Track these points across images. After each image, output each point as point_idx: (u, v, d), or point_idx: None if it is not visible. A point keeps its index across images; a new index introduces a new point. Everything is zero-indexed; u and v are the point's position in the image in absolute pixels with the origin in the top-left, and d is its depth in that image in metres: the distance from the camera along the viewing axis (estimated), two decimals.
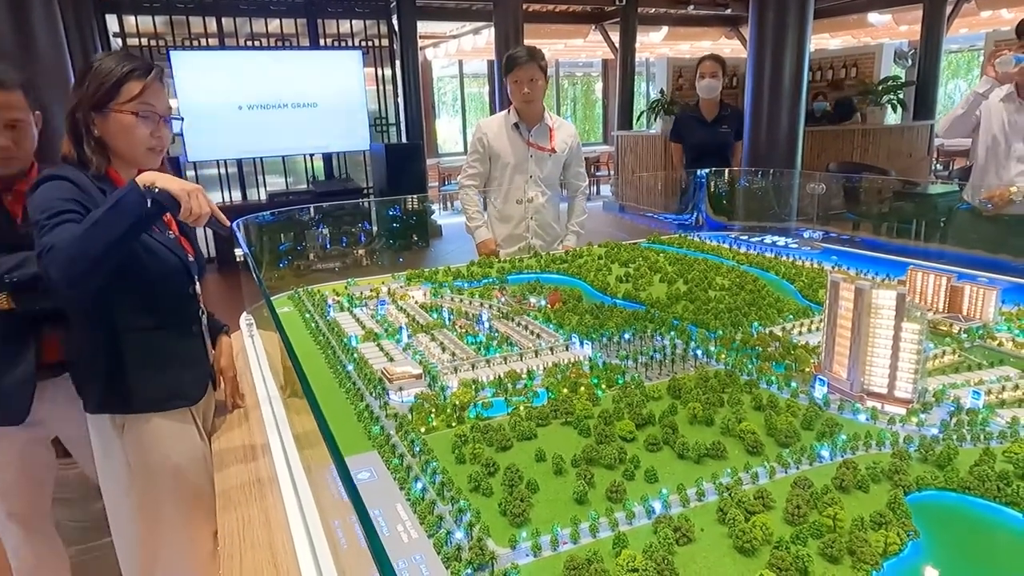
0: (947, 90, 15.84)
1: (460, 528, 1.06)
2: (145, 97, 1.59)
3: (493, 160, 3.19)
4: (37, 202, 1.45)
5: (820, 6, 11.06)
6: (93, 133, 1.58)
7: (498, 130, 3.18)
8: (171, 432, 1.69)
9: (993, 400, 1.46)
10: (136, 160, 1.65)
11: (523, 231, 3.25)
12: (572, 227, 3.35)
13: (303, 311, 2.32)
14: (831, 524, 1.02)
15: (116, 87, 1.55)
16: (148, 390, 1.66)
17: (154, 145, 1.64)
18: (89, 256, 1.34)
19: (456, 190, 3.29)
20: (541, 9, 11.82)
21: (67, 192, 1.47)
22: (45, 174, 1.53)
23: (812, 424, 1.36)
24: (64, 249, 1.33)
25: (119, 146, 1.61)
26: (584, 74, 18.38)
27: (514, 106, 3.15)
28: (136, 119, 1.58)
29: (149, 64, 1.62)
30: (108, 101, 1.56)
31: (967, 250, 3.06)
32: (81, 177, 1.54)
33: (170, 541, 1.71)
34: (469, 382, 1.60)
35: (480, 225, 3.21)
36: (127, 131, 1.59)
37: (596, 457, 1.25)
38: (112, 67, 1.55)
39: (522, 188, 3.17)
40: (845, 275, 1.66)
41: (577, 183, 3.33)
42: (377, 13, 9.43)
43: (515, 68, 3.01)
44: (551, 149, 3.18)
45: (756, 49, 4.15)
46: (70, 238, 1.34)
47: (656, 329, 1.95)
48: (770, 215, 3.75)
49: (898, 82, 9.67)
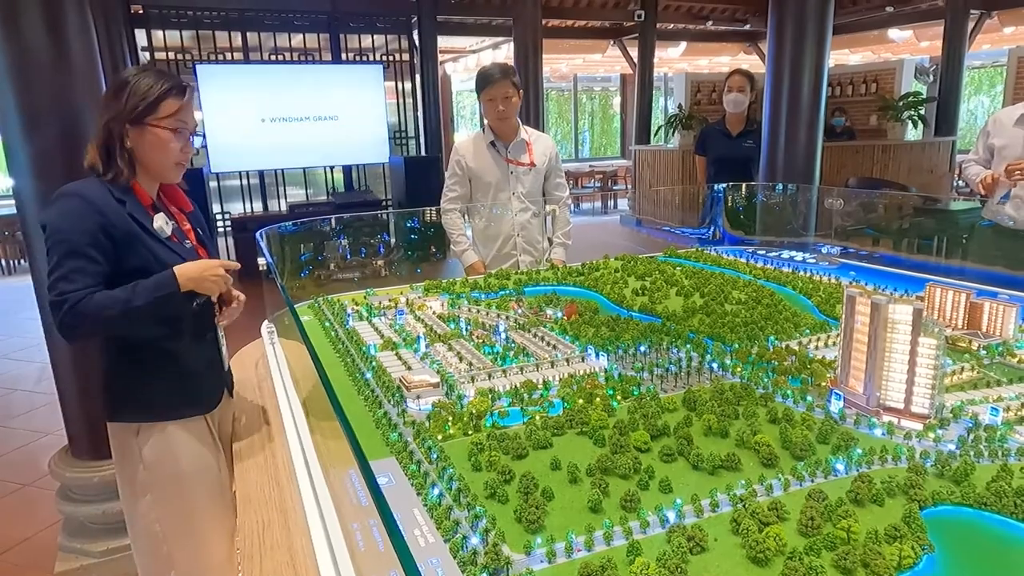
0: (970, 106, 15.71)
1: (476, 533, 1.07)
2: (181, 115, 1.66)
3: (474, 181, 3.16)
4: (53, 224, 1.53)
5: (839, 22, 11.09)
6: (126, 145, 1.63)
7: (475, 150, 3.14)
8: (186, 439, 1.73)
9: (1012, 417, 1.45)
10: (163, 174, 1.72)
11: (511, 249, 3.22)
12: (558, 239, 3.29)
13: (323, 320, 2.36)
14: (845, 536, 1.02)
15: (156, 103, 1.61)
16: (164, 398, 1.71)
17: (181, 160, 1.71)
18: (110, 327, 1.58)
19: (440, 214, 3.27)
20: (560, 24, 11.92)
21: (84, 219, 1.52)
22: (64, 191, 1.57)
23: (827, 438, 1.36)
24: (88, 318, 1.49)
25: (151, 159, 1.66)
26: (602, 88, 18.47)
27: (488, 124, 3.11)
28: (172, 135, 1.65)
29: (183, 83, 1.69)
30: (146, 116, 1.61)
31: (988, 267, 3.03)
32: (103, 195, 1.58)
33: (184, 545, 1.74)
34: (486, 391, 1.62)
35: (466, 248, 3.17)
36: (162, 146, 1.65)
37: (611, 467, 1.26)
38: (152, 84, 1.61)
39: (506, 205, 3.13)
40: (862, 290, 1.66)
41: (559, 194, 3.29)
42: (398, 28, 9.59)
43: (489, 86, 2.97)
44: (530, 163, 3.15)
45: (774, 64, 4.16)
46: (99, 310, 1.50)
47: (672, 342, 1.96)
48: (788, 230, 3.74)
49: (919, 98, 9.61)
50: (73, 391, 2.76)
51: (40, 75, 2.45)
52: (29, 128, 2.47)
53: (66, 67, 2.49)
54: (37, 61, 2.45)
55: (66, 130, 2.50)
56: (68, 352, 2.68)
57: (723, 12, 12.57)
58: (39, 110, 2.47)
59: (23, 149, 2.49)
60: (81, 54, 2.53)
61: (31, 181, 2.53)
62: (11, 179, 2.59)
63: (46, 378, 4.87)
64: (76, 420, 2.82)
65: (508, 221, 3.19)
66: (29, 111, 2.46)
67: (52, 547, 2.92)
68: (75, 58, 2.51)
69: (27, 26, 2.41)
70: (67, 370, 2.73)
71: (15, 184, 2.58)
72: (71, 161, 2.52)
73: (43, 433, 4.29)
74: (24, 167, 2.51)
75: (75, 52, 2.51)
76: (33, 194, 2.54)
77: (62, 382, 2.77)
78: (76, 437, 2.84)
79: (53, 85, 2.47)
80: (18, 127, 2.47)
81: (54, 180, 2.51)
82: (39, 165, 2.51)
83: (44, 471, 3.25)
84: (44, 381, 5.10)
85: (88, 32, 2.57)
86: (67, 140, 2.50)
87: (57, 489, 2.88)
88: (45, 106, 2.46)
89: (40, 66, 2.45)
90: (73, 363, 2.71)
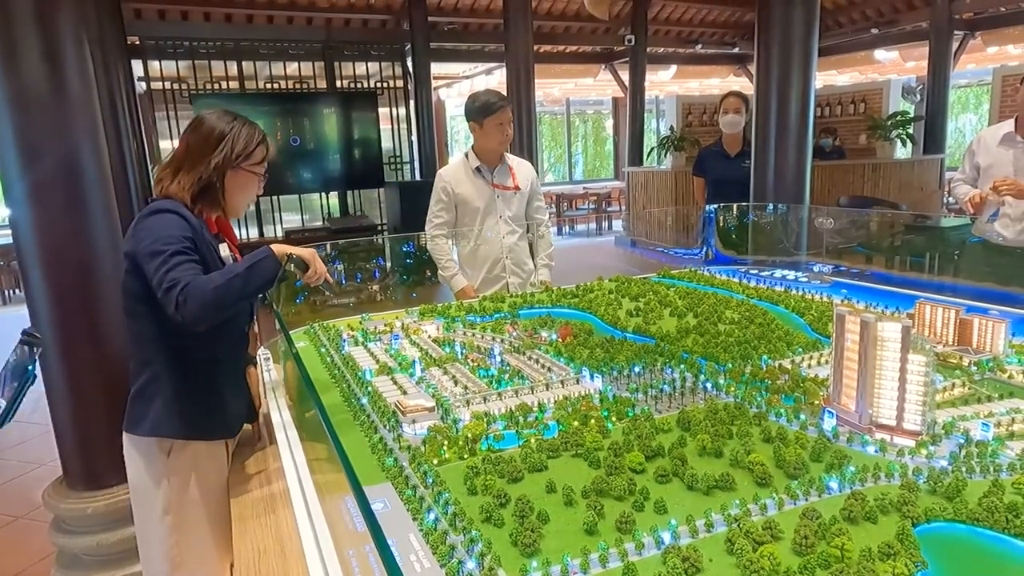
0: (958, 124, 15.92)
1: (472, 558, 1.07)
2: (265, 162, 1.84)
3: (460, 207, 3.22)
4: (156, 233, 1.60)
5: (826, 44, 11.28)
6: (224, 184, 1.77)
7: (461, 176, 3.21)
8: (210, 461, 1.80)
9: (1003, 432, 1.46)
10: (237, 210, 1.86)
11: (500, 271, 3.28)
12: (543, 260, 3.39)
13: (319, 345, 2.36)
14: (839, 555, 1.02)
15: (254, 151, 1.79)
16: (202, 419, 1.77)
17: (252, 200, 1.88)
18: (222, 304, 1.54)
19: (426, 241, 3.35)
20: (552, 50, 12.10)
21: (183, 229, 1.64)
22: (161, 206, 1.67)
23: (821, 456, 1.37)
24: (204, 292, 1.50)
25: (235, 197, 1.81)
26: (595, 111, 18.67)
27: (474, 150, 3.20)
28: (257, 179, 1.83)
29: (264, 133, 1.86)
30: (244, 161, 1.77)
31: (978, 283, 3.06)
32: (188, 213, 1.70)
33: (197, 566, 1.76)
34: (481, 415, 1.62)
35: (455, 273, 3.21)
36: (249, 186, 1.82)
37: (606, 488, 1.26)
38: (251, 133, 1.81)
39: (495, 229, 3.21)
40: (851, 308, 1.68)
41: (540, 217, 3.41)
42: (392, 56, 9.72)
43: (497, 111, 3.08)
44: (515, 187, 3.25)
45: (761, 86, 4.22)
46: (208, 283, 1.52)
47: (666, 362, 1.97)
48: (780, 249, 3.77)
49: (907, 117, 9.75)
50: (68, 420, 2.74)
51: (38, 107, 2.47)
52: (27, 159, 2.49)
53: (64, 99, 2.52)
54: (35, 93, 2.47)
55: (63, 161, 2.52)
56: (63, 381, 2.67)
57: (712, 36, 12.79)
58: (37, 142, 2.49)
59: (21, 180, 2.51)
60: (79, 86, 2.56)
61: (28, 211, 2.54)
62: (7, 208, 2.61)
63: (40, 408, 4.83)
64: (71, 450, 2.80)
65: (496, 244, 3.25)
66: (27, 143, 2.48)
67: None
68: (73, 90, 2.54)
69: (25, 59, 2.44)
70: (62, 398, 2.72)
71: (11, 214, 2.59)
72: (69, 192, 2.55)
73: (36, 464, 4.25)
74: (21, 197, 2.53)
75: (73, 85, 2.53)
76: (30, 224, 2.55)
77: (57, 411, 2.75)
78: (71, 467, 2.82)
79: (51, 117, 2.49)
80: (15, 158, 2.49)
81: (52, 210, 2.54)
82: (36, 196, 2.52)
83: (37, 503, 3.22)
84: (38, 412, 5.06)
85: (85, 64, 2.61)
86: (65, 171, 2.52)
87: (51, 521, 2.85)
88: (43, 138, 2.48)
89: (38, 98, 2.48)
90: (68, 392, 2.69)
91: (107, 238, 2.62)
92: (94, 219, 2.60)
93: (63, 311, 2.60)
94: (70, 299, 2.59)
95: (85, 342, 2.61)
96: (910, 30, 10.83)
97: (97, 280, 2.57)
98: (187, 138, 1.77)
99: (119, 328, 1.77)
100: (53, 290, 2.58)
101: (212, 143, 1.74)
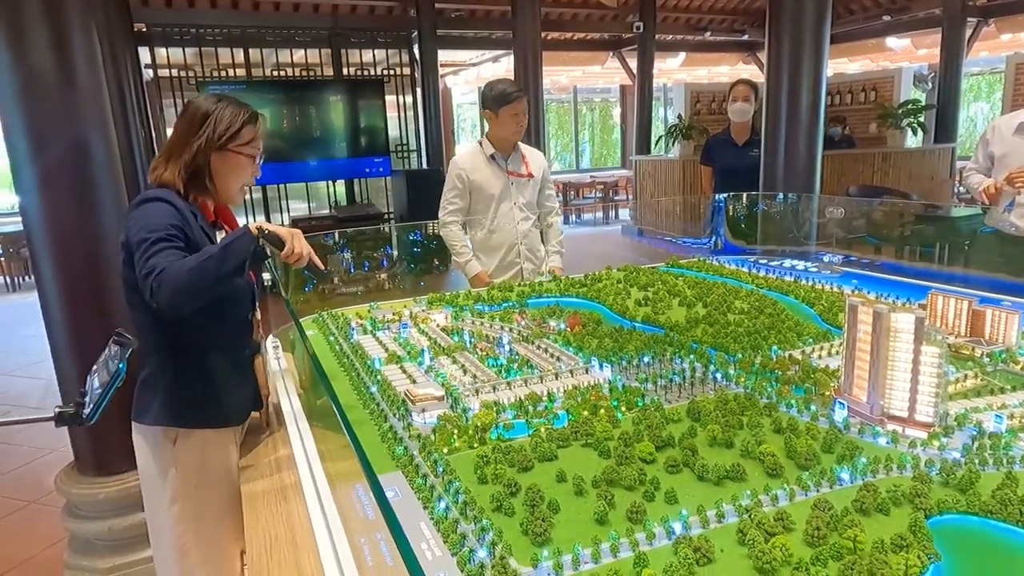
0: (969, 113, 15.74)
1: (483, 547, 1.08)
2: (256, 141, 1.78)
3: (475, 193, 3.24)
4: (143, 221, 1.58)
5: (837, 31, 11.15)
6: (211, 168, 1.73)
7: (476, 163, 3.24)
8: (217, 450, 1.79)
9: (1016, 424, 1.45)
10: (232, 196, 1.81)
11: (514, 257, 3.32)
12: (554, 247, 3.44)
13: (327, 334, 2.37)
14: (851, 546, 1.02)
15: (239, 130, 1.72)
16: (206, 407, 1.77)
17: (249, 183, 1.82)
18: (197, 287, 1.48)
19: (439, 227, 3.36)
20: (559, 37, 12.00)
21: (171, 217, 1.61)
22: (150, 195, 1.65)
23: (832, 447, 1.37)
24: (176, 276, 1.46)
25: (226, 182, 1.76)
26: (602, 100, 18.55)
27: (488, 138, 3.24)
28: (249, 160, 1.77)
29: (256, 112, 1.80)
30: (230, 142, 1.71)
31: (990, 273, 3.03)
32: (179, 201, 1.68)
33: (207, 560, 1.77)
34: (491, 404, 1.62)
35: (470, 259, 3.24)
36: (239, 169, 1.77)
37: (616, 478, 1.26)
38: (236, 112, 1.73)
39: (509, 215, 3.25)
40: (864, 299, 1.67)
41: (551, 205, 3.46)
42: (399, 43, 9.66)
43: (513, 102, 3.11)
44: (528, 174, 3.30)
45: (772, 74, 4.18)
46: (182, 267, 1.47)
47: (675, 352, 1.97)
48: (789, 239, 3.75)
49: (918, 105, 9.64)
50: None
51: (47, 95, 2.47)
52: (36, 147, 2.50)
53: (72, 87, 2.52)
54: (44, 82, 2.48)
55: (72, 149, 2.53)
56: (74, 368, 2.69)
57: (721, 23, 12.66)
58: (46, 130, 2.49)
59: (30, 167, 2.52)
60: (87, 74, 2.56)
61: (37, 198, 2.55)
62: (17, 196, 2.62)
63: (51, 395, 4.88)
64: (82, 436, 2.82)
65: (511, 231, 3.28)
66: (36, 131, 2.49)
67: (57, 565, 2.92)
68: (81, 78, 2.54)
69: (34, 48, 2.44)
70: (73, 386, 2.74)
71: (21, 201, 2.60)
72: (78, 179, 2.55)
73: (48, 450, 4.29)
74: (31, 185, 2.54)
75: (81, 72, 2.53)
76: (39, 211, 2.56)
77: (68, 398, 2.78)
78: (82, 453, 2.85)
79: (60, 105, 2.50)
80: (25, 146, 2.49)
81: (61, 197, 2.55)
82: (46, 183, 2.53)
83: (49, 488, 3.26)
84: (49, 398, 5.11)
85: (93, 52, 2.60)
86: (74, 158, 2.53)
87: (63, 506, 2.89)
88: (52, 126, 2.49)
89: (47, 86, 2.48)
90: (79, 379, 2.71)
91: (116, 225, 2.63)
92: (103, 206, 2.61)
93: (73, 298, 2.61)
94: (80, 286, 2.61)
95: (95, 329, 2.62)
96: (923, 17, 10.69)
97: (107, 267, 2.58)
98: (176, 123, 1.76)
99: (128, 315, 1.76)
100: (63, 277, 2.59)
101: (196, 125, 1.70)
